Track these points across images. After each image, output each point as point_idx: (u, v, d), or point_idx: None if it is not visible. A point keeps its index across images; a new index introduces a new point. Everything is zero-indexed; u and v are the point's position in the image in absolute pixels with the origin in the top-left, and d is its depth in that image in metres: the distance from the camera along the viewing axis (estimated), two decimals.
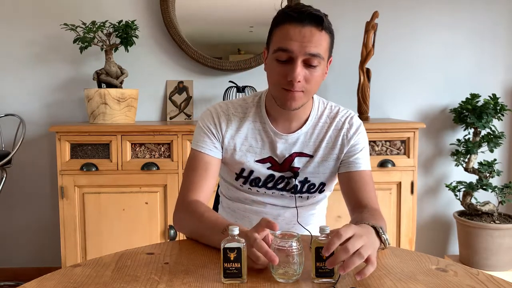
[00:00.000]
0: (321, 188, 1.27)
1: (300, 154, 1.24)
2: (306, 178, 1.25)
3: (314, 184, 1.26)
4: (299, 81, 1.09)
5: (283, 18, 1.11)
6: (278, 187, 1.26)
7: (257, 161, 1.24)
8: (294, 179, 1.24)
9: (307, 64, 1.10)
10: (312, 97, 1.26)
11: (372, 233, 0.93)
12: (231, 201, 1.34)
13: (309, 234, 1.09)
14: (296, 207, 1.27)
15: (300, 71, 1.08)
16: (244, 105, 1.27)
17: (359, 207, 1.18)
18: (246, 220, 1.31)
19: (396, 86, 2.62)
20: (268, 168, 1.24)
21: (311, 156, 1.24)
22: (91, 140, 2.17)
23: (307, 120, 1.24)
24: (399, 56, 2.61)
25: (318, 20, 1.08)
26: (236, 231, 0.86)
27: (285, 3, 1.20)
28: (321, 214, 1.39)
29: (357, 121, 1.26)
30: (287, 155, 1.23)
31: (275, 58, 1.12)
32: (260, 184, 1.26)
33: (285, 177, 1.25)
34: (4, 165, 2.25)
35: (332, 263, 0.82)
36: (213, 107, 1.27)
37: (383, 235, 0.97)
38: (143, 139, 2.18)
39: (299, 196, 1.27)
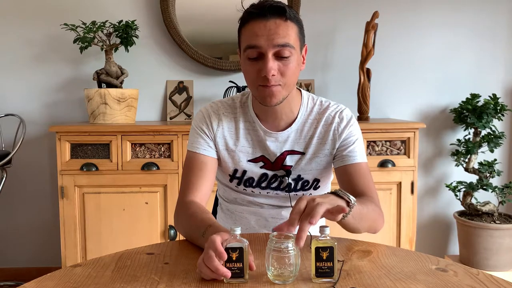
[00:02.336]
0: (315, 184, 1.27)
1: (291, 152, 1.23)
2: (299, 176, 1.25)
3: (307, 181, 1.26)
4: (273, 75, 1.09)
5: (246, 17, 1.12)
6: (272, 186, 1.26)
7: (249, 160, 1.24)
8: (287, 178, 1.24)
9: (279, 57, 1.09)
10: (301, 94, 1.26)
11: (327, 196, 0.94)
12: (229, 202, 1.34)
13: (308, 234, 1.09)
14: (291, 206, 1.27)
15: (272, 65, 1.08)
16: (232, 104, 1.27)
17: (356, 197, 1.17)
18: (244, 221, 1.31)
19: (396, 86, 2.62)
20: (261, 167, 1.24)
21: (302, 153, 1.24)
22: (91, 140, 2.17)
23: (296, 117, 1.23)
24: (399, 56, 2.61)
25: (281, 11, 1.08)
26: (238, 231, 0.85)
27: (246, 2, 1.19)
28: None
29: (347, 114, 1.25)
30: (278, 154, 1.23)
31: (246, 57, 1.12)
32: (254, 184, 1.26)
33: (278, 176, 1.25)
34: (4, 165, 2.25)
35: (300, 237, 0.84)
36: (205, 107, 1.28)
37: (344, 195, 0.96)
38: (143, 139, 2.18)
39: (294, 194, 1.27)
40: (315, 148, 1.23)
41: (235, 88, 2.45)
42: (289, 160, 1.23)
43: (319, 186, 1.28)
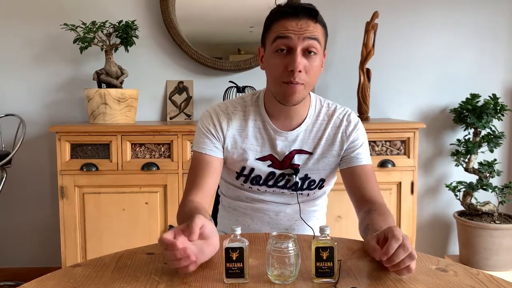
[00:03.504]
0: (321, 184, 1.29)
1: (300, 151, 1.25)
2: (306, 175, 1.26)
3: (314, 181, 1.27)
4: (300, 71, 1.11)
5: (278, 15, 1.14)
6: (278, 184, 1.27)
7: (257, 159, 1.25)
8: (294, 176, 1.25)
9: (307, 52, 1.12)
10: (310, 95, 1.27)
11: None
12: (232, 199, 1.35)
13: (311, 230, 1.10)
14: (298, 201, 1.28)
15: (300, 60, 1.11)
16: (243, 103, 1.28)
17: (364, 202, 1.18)
18: (247, 217, 1.32)
19: (396, 86, 2.62)
20: (268, 166, 1.25)
21: (310, 153, 1.25)
22: (91, 140, 2.17)
23: (305, 117, 1.25)
24: (399, 56, 2.61)
25: (313, 13, 1.13)
26: (238, 231, 0.86)
27: (279, 1, 1.22)
28: (322, 211, 1.40)
29: (354, 118, 1.29)
30: (287, 153, 1.24)
31: (274, 50, 1.14)
32: (261, 182, 1.27)
33: (285, 174, 1.26)
34: (4, 165, 2.24)
35: (391, 261, 0.84)
36: (212, 108, 1.28)
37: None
38: (143, 139, 2.18)
39: (299, 193, 1.28)
40: (323, 149, 1.25)
41: (235, 88, 2.45)
42: (297, 159, 1.25)
43: (323, 186, 1.30)
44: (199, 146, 1.24)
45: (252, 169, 1.25)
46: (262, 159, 1.25)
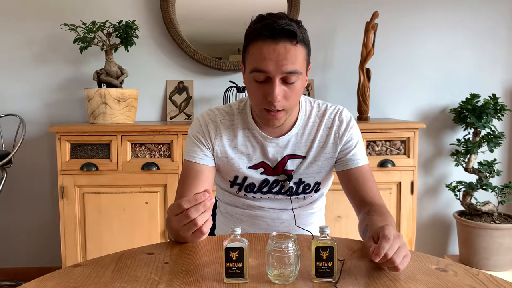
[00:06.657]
0: (317, 187, 1.27)
1: (293, 156, 1.23)
2: (300, 179, 1.25)
3: (309, 185, 1.26)
4: (279, 100, 1.08)
5: (255, 36, 1.09)
6: (273, 191, 1.26)
7: (249, 167, 1.24)
8: (288, 182, 1.24)
9: (286, 82, 1.09)
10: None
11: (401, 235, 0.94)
12: (228, 205, 1.34)
13: (310, 234, 1.09)
14: (293, 210, 1.27)
15: (279, 91, 1.07)
16: (230, 111, 1.26)
17: (363, 204, 1.18)
18: (244, 223, 1.31)
19: (396, 86, 2.62)
20: (261, 173, 1.24)
21: (303, 157, 1.23)
22: (91, 140, 2.17)
23: (295, 121, 1.23)
24: (399, 56, 2.61)
25: (292, 35, 1.06)
26: (238, 231, 0.86)
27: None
28: (320, 212, 1.39)
29: (346, 116, 1.25)
30: (279, 159, 1.23)
31: (252, 79, 1.10)
32: (255, 190, 1.26)
33: (279, 181, 1.25)
34: (4, 165, 2.25)
35: (378, 256, 0.84)
36: (201, 115, 1.27)
37: None
38: (143, 139, 2.18)
39: (295, 198, 1.27)
40: (316, 152, 1.23)
41: (235, 88, 2.45)
42: (290, 164, 1.23)
43: (319, 189, 1.28)
44: (189, 155, 1.22)
45: (245, 178, 1.24)
46: (254, 167, 1.23)
